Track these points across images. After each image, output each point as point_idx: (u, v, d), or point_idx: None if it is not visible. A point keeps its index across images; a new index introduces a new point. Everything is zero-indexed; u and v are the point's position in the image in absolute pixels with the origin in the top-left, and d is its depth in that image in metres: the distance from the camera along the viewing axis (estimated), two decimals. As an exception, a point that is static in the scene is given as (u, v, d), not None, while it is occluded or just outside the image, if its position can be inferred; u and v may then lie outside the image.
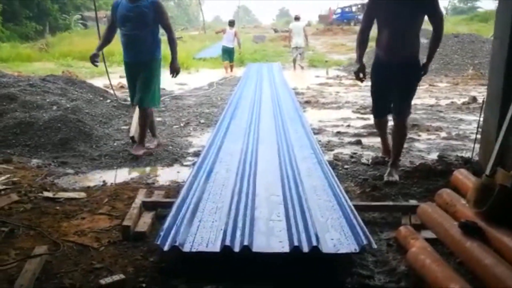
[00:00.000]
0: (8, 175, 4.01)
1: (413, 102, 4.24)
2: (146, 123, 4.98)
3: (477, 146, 4.28)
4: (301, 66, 14.91)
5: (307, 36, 15.52)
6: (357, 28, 20.79)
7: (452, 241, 2.34)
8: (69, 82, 7.72)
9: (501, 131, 2.86)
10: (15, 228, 3.03)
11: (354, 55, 17.79)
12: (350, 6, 38.86)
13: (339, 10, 38.83)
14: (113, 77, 8.87)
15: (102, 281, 2.40)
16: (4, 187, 3.75)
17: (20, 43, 20.75)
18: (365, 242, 2.59)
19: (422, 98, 8.83)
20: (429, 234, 2.79)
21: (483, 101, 4.14)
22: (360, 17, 35.50)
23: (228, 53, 14.42)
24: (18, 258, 2.66)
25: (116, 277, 2.43)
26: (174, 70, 5.01)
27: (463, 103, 8.26)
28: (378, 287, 2.43)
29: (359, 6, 39.78)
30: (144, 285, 2.41)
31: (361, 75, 4.19)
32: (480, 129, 4.27)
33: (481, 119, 4.22)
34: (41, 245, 2.78)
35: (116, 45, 17.55)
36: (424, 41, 4.54)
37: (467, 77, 12.45)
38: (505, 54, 3.60)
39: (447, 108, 7.85)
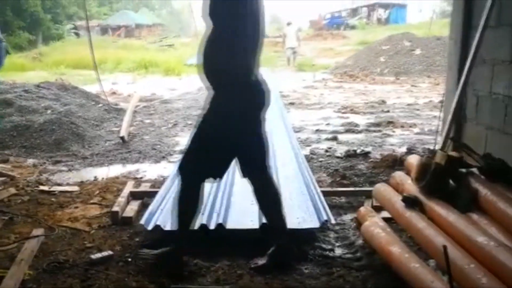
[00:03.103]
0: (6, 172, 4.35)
1: (391, 102, 4.42)
2: None
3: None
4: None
5: (299, 38, 18.02)
6: (347, 33, 21.47)
7: (397, 213, 2.69)
8: (62, 88, 8.05)
9: (447, 120, 3.23)
10: (14, 217, 3.37)
11: (341, 59, 18.20)
12: (340, 11, 39.43)
13: (328, 16, 39.35)
14: (104, 84, 9.21)
15: (93, 256, 2.73)
16: (2, 182, 4.08)
17: (14, 53, 21.03)
18: (325, 218, 2.95)
19: (402, 97, 9.22)
20: (387, 214, 3.14)
21: (442, 95, 4.51)
22: (350, 21, 36.20)
23: None
24: (17, 240, 2.99)
25: (105, 253, 2.77)
26: None
27: (440, 101, 8.62)
28: (337, 258, 2.78)
29: (349, 11, 40.37)
30: (129, 259, 2.74)
31: None
32: (441, 122, 4.63)
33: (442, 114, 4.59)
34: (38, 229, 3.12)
35: (109, 53, 17.70)
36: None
37: (449, 78, 12.84)
38: (458, 52, 3.96)
39: (424, 106, 8.23)
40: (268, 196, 2.70)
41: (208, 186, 3.60)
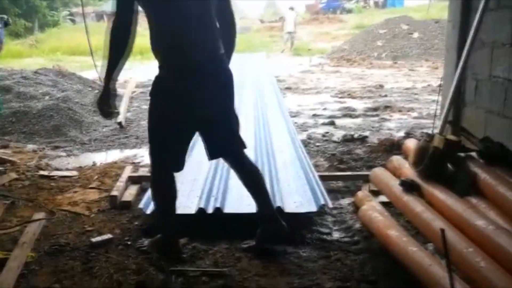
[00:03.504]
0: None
1: (389, 86, 4.34)
2: None
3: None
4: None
5: (296, 23, 18.30)
6: (343, 16, 21.16)
7: (394, 197, 2.70)
8: (60, 74, 8.02)
9: (446, 104, 3.23)
10: (15, 201, 3.39)
11: (337, 43, 18.07)
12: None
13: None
14: (101, 70, 9.15)
15: (93, 239, 2.76)
16: (3, 168, 4.09)
17: (10, 40, 20.89)
18: (322, 202, 2.97)
19: (400, 82, 9.21)
20: (384, 198, 3.16)
21: (441, 79, 4.50)
22: (347, 5, 35.89)
23: None
24: (19, 223, 3.01)
25: (104, 237, 2.80)
26: None
27: (439, 85, 8.62)
28: (334, 241, 2.80)
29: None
30: (129, 242, 2.76)
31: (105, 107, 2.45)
32: (439, 106, 4.64)
33: (440, 98, 4.59)
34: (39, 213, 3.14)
35: (104, 39, 17.62)
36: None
37: (447, 62, 12.83)
38: (457, 36, 3.96)
39: (422, 91, 8.22)
40: (247, 176, 2.61)
41: (205, 170, 3.63)
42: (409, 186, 2.62)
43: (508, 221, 2.10)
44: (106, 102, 2.40)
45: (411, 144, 3.12)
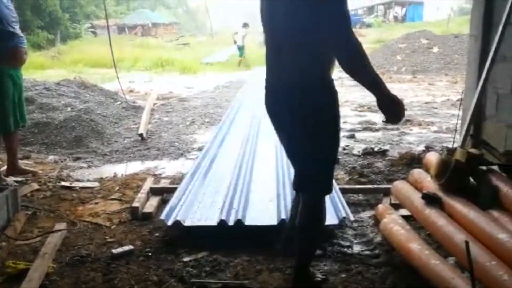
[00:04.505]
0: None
1: (409, 100, 4.13)
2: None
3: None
4: None
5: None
6: (363, 31, 20.55)
7: (416, 210, 2.68)
8: (82, 86, 8.16)
9: (467, 118, 3.21)
10: (37, 211, 3.44)
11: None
12: (356, 9, 39.14)
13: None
14: (122, 82, 9.31)
15: (114, 251, 2.78)
16: (25, 178, 4.16)
17: (33, 51, 21.35)
18: (343, 215, 2.96)
19: (419, 96, 9.16)
20: (405, 212, 3.13)
21: (462, 92, 4.47)
22: (366, 19, 35.87)
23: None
24: (40, 234, 3.05)
25: (126, 248, 2.82)
26: None
27: (458, 100, 8.56)
28: (355, 254, 2.78)
29: (365, 9, 40.07)
30: (150, 254, 2.78)
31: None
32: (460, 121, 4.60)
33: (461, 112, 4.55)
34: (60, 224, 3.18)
35: (126, 51, 17.77)
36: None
37: (467, 76, 12.75)
38: (479, 49, 3.94)
39: (442, 105, 8.16)
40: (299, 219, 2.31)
41: (227, 182, 3.65)
42: (430, 199, 2.61)
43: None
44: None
45: (432, 157, 3.10)
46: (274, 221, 2.93)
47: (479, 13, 3.94)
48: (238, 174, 3.83)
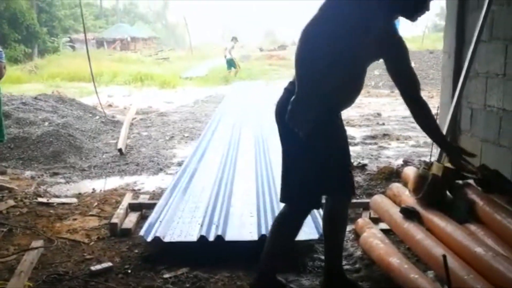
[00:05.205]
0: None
1: (387, 114, 4.32)
2: None
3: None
4: None
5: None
6: None
7: (395, 224, 2.72)
8: (60, 100, 8.08)
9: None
10: (13, 228, 3.38)
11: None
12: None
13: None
14: (101, 97, 9.25)
15: (93, 268, 2.75)
16: (1, 195, 4.08)
17: (10, 65, 21.02)
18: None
19: (397, 110, 9.29)
20: (385, 226, 3.17)
21: (437, 107, 4.56)
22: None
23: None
24: (16, 251, 2.99)
25: (104, 265, 2.79)
26: None
27: (435, 114, 8.70)
28: (335, 269, 2.79)
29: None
30: (129, 271, 2.75)
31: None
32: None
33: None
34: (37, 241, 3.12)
35: (105, 66, 17.60)
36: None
37: (443, 91, 13.01)
38: (452, 66, 4.04)
39: (419, 119, 8.28)
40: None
41: (207, 197, 3.64)
42: (409, 213, 2.66)
43: (506, 247, 2.12)
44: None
45: (410, 172, 3.16)
46: (254, 237, 2.93)
47: (452, 31, 4.05)
48: (218, 189, 3.83)
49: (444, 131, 3.54)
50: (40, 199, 4.00)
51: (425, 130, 2.52)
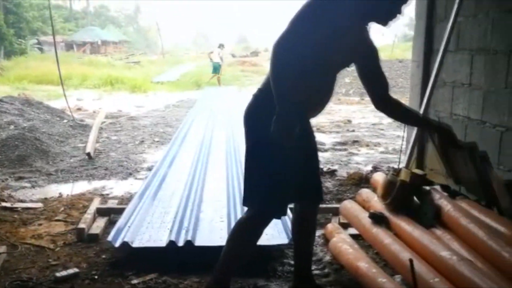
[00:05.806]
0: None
1: (357, 121, 4.40)
2: None
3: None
4: None
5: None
6: None
7: (363, 229, 2.75)
8: (26, 103, 7.89)
9: (411, 139, 3.35)
10: (-26, 234, 3.26)
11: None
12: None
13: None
14: (70, 100, 9.08)
15: (58, 274, 2.68)
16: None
17: (-26, 67, 20.44)
18: (293, 235, 2.99)
19: (366, 117, 9.44)
20: (354, 231, 3.20)
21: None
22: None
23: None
24: (-23, 258, 2.89)
25: (70, 271, 2.72)
26: None
27: (403, 122, 8.89)
28: (305, 274, 2.80)
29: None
30: (96, 277, 2.69)
31: None
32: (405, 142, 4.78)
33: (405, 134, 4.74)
34: None
35: (74, 69, 17.35)
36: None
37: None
38: (420, 75, 4.13)
39: (388, 126, 8.43)
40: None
41: (176, 202, 3.61)
42: (377, 219, 2.69)
43: (471, 251, 2.17)
44: None
45: (379, 177, 3.20)
46: (224, 242, 2.91)
47: (421, 41, 4.15)
48: (189, 193, 3.80)
49: (412, 138, 3.62)
50: (3, 204, 3.87)
51: (410, 123, 2.59)
